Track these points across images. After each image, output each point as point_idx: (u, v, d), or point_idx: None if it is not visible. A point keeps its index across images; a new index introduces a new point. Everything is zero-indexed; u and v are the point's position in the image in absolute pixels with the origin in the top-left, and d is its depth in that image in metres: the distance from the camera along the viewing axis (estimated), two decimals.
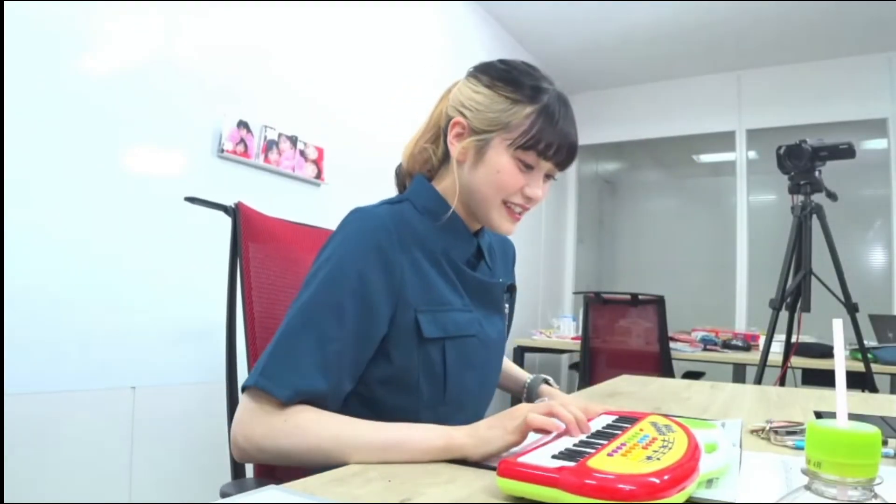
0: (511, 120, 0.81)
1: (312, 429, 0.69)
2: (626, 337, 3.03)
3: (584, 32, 3.81)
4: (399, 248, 0.79)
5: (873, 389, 2.26)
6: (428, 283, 0.82)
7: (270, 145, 2.13)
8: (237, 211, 1.00)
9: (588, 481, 0.46)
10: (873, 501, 0.34)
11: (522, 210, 0.86)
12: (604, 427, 0.67)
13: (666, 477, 0.46)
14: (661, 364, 2.85)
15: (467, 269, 0.88)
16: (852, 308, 2.17)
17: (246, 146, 2.04)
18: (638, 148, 5.12)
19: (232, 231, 1.00)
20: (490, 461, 0.63)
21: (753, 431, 0.83)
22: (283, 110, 2.21)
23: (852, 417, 0.38)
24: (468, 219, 0.90)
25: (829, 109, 3.94)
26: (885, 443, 0.72)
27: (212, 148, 1.96)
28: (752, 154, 4.32)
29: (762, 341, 2.35)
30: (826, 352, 2.61)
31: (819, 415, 1.02)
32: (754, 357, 2.63)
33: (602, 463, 0.50)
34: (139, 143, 1.75)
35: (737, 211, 4.27)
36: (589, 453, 0.53)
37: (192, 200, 1.10)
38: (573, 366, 3.84)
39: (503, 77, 0.84)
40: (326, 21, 2.42)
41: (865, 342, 2.31)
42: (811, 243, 2.21)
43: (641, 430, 0.63)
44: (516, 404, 0.72)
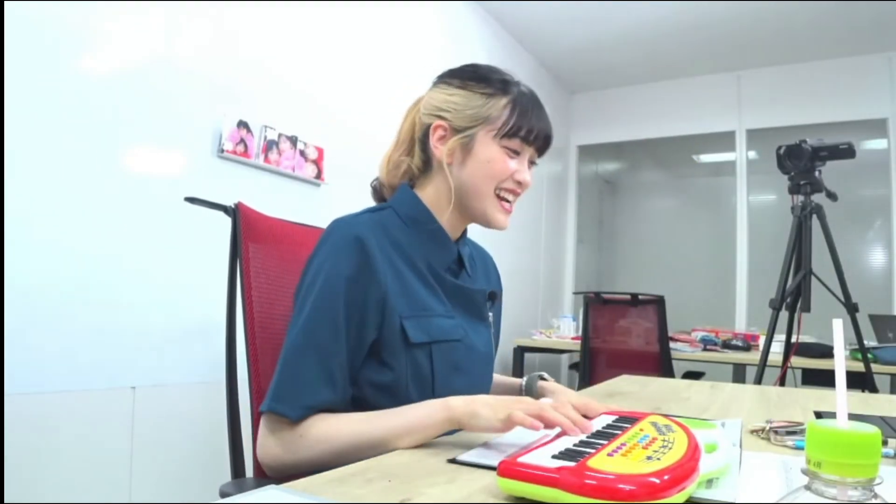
0: (491, 112, 0.86)
1: (330, 435, 0.73)
2: (626, 337, 3.03)
3: (584, 32, 3.81)
4: (380, 256, 0.81)
5: (873, 389, 2.26)
6: (409, 290, 0.83)
7: (270, 145, 2.13)
8: (237, 211, 1.00)
9: (588, 481, 0.46)
10: (873, 501, 0.34)
11: (514, 198, 0.90)
12: (604, 427, 0.67)
13: (666, 477, 0.46)
14: (661, 364, 2.85)
15: (448, 276, 0.89)
16: (852, 308, 2.17)
17: (246, 146, 2.04)
18: (638, 148, 5.12)
19: (232, 231, 1.00)
20: (490, 461, 0.63)
21: (753, 431, 0.83)
22: (283, 110, 2.21)
23: (852, 417, 0.38)
24: (454, 226, 0.92)
25: (829, 109, 3.94)
26: (885, 443, 0.72)
27: (212, 148, 1.96)
28: (752, 154, 4.32)
29: (762, 341, 2.35)
30: (826, 352, 2.61)
31: (819, 415, 1.02)
32: (754, 357, 2.63)
33: (602, 463, 0.50)
34: (139, 143, 1.75)
35: (737, 211, 4.27)
36: (589, 453, 0.53)
37: (192, 201, 1.10)
38: (573, 366, 3.85)
39: (473, 76, 0.89)
40: (326, 21, 2.42)
41: (865, 342, 2.31)
42: (811, 243, 2.21)
43: (641, 430, 0.63)
44: None
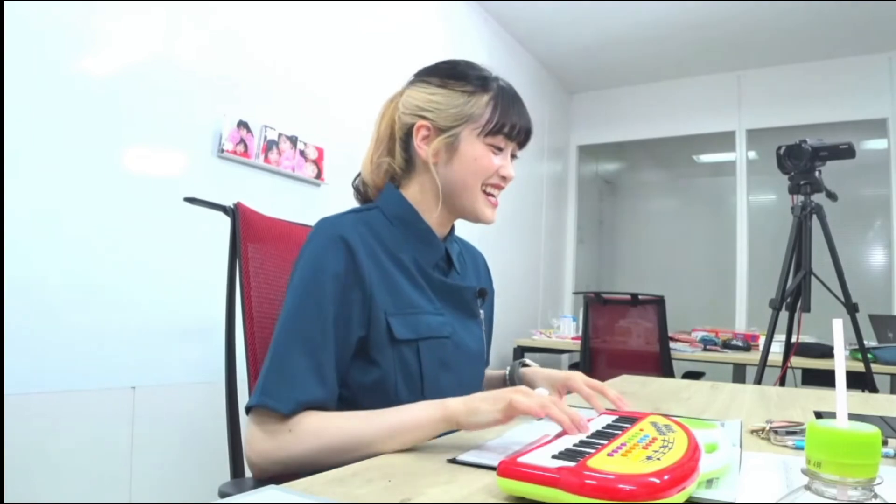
0: (473, 111, 0.86)
1: (320, 430, 0.71)
2: (626, 337, 3.02)
3: (584, 32, 3.81)
4: (365, 254, 0.81)
5: (873, 389, 2.25)
6: (395, 288, 0.83)
7: (270, 145, 2.13)
8: (236, 211, 1.00)
9: (588, 481, 0.46)
10: (873, 501, 0.34)
11: (498, 192, 0.92)
12: (604, 427, 0.67)
13: (666, 477, 0.46)
14: (661, 364, 2.85)
15: (435, 274, 0.89)
16: (852, 308, 2.17)
17: (246, 146, 2.04)
18: (638, 148, 5.12)
19: (231, 231, 1.00)
20: (490, 461, 0.63)
21: (753, 431, 0.83)
22: (283, 110, 2.21)
23: (852, 417, 0.38)
24: (441, 223, 0.92)
25: (829, 109, 3.94)
26: (885, 443, 0.72)
27: (212, 148, 1.96)
28: (752, 154, 4.32)
29: (762, 341, 2.35)
30: (826, 352, 2.60)
31: (819, 415, 1.02)
32: (754, 357, 2.63)
33: (602, 463, 0.50)
34: (139, 143, 1.75)
35: (737, 211, 4.27)
36: (589, 453, 0.53)
37: (192, 201, 1.10)
38: (573, 366, 3.84)
39: (451, 74, 0.88)
40: (326, 21, 2.42)
41: (865, 342, 2.31)
42: (811, 243, 2.21)
43: (641, 430, 0.63)
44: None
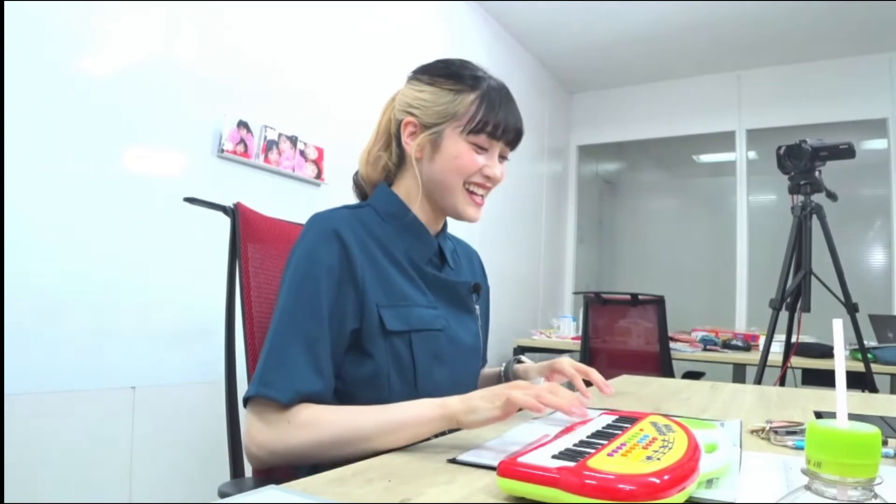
0: (458, 109, 0.87)
1: (319, 422, 0.71)
2: (626, 337, 3.02)
3: (584, 32, 3.81)
4: (357, 247, 0.82)
5: (873, 389, 2.25)
6: (387, 281, 0.84)
7: (270, 145, 2.13)
8: (236, 211, 1.00)
9: (588, 481, 0.46)
10: (873, 501, 0.34)
11: (484, 192, 0.91)
12: (604, 427, 0.67)
13: (666, 477, 0.46)
14: (661, 364, 2.85)
15: (428, 268, 0.90)
16: (852, 308, 2.17)
17: (246, 146, 2.04)
18: (638, 148, 5.12)
19: (231, 231, 1.00)
20: (489, 461, 0.63)
21: (753, 431, 0.83)
22: (283, 110, 2.21)
23: (852, 417, 0.38)
24: (430, 219, 0.93)
25: (829, 109, 3.94)
26: (885, 443, 0.72)
27: (212, 148, 1.96)
28: (752, 154, 4.32)
29: (762, 341, 2.35)
30: (826, 352, 2.60)
31: (819, 415, 1.02)
32: (754, 357, 2.63)
33: (602, 463, 0.50)
34: (139, 143, 1.75)
35: (737, 211, 4.27)
36: (589, 453, 0.53)
37: (191, 201, 1.10)
38: None
39: (443, 73, 0.90)
40: (326, 21, 2.42)
41: (865, 342, 2.31)
42: (811, 243, 2.21)
43: (641, 430, 0.63)
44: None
